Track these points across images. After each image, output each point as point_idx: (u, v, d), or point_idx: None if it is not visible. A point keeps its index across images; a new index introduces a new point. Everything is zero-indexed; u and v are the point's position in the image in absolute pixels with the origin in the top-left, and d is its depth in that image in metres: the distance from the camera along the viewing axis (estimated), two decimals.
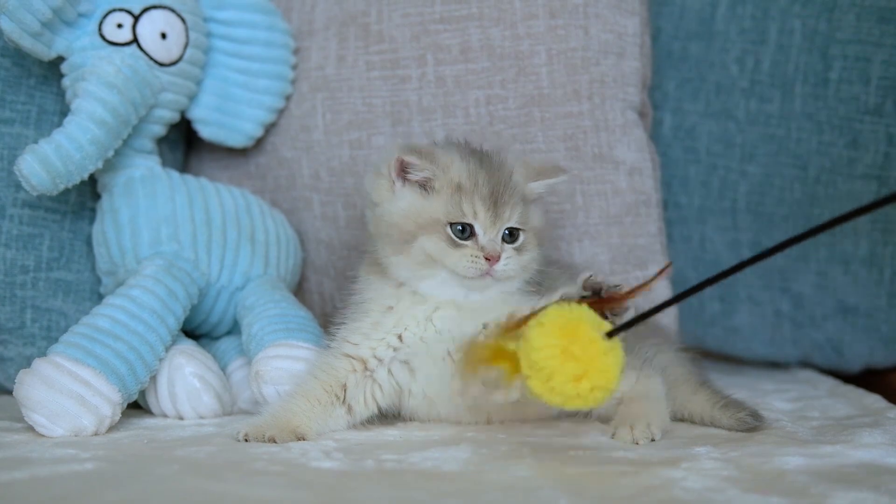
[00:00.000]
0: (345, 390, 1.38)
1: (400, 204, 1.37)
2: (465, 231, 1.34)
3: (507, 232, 1.36)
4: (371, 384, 1.40)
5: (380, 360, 1.39)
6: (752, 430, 1.38)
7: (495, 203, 1.35)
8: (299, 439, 1.30)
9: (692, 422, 1.44)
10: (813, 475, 1.12)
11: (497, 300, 1.37)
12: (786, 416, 1.50)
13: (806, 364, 1.94)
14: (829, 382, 1.79)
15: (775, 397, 1.65)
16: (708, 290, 1.89)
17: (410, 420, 1.44)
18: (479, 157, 1.40)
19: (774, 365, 1.96)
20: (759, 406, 1.47)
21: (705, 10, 1.89)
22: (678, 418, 1.44)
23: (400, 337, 1.39)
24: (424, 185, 1.36)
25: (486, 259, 1.33)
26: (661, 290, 1.74)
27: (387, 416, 1.43)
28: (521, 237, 1.38)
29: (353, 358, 1.39)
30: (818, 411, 1.54)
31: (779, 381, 1.83)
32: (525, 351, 1.14)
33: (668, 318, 1.74)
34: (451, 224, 1.34)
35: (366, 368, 1.39)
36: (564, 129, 1.70)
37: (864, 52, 1.80)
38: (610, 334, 1.14)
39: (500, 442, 1.29)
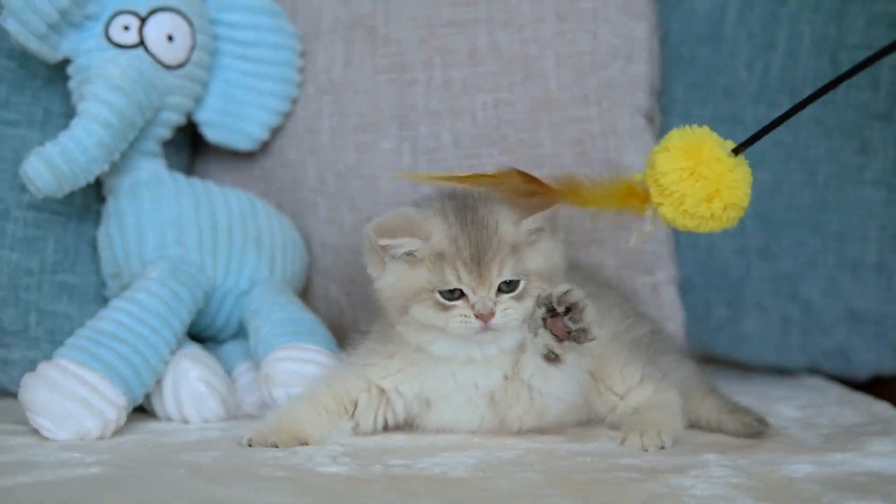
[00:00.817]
0: (355, 406, 1.37)
1: (389, 279, 1.33)
2: (455, 293, 1.29)
3: (504, 282, 1.30)
4: (385, 407, 1.38)
5: (400, 395, 1.38)
6: (758, 435, 1.38)
7: (479, 264, 1.28)
8: (302, 444, 1.29)
9: (701, 427, 1.44)
10: (823, 484, 1.11)
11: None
12: (794, 423, 1.49)
13: (814, 371, 1.93)
14: (838, 390, 1.79)
15: (783, 404, 1.64)
16: (715, 296, 1.91)
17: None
18: (463, 214, 1.31)
19: (782, 372, 1.95)
20: (768, 413, 1.47)
21: (714, 15, 1.88)
22: (689, 425, 1.44)
23: (420, 385, 1.37)
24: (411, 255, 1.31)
25: (478, 317, 1.27)
26: (667, 296, 1.74)
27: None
28: (521, 285, 1.30)
29: (372, 383, 1.38)
30: (827, 419, 1.53)
31: (787, 387, 1.82)
32: (653, 178, 1.17)
33: (676, 324, 1.73)
34: (440, 291, 1.29)
35: (382, 392, 1.38)
36: (572, 134, 1.69)
37: None
38: (735, 150, 1.18)
39: (509, 448, 1.29)
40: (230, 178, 1.82)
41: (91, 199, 1.66)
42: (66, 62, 1.60)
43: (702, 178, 1.17)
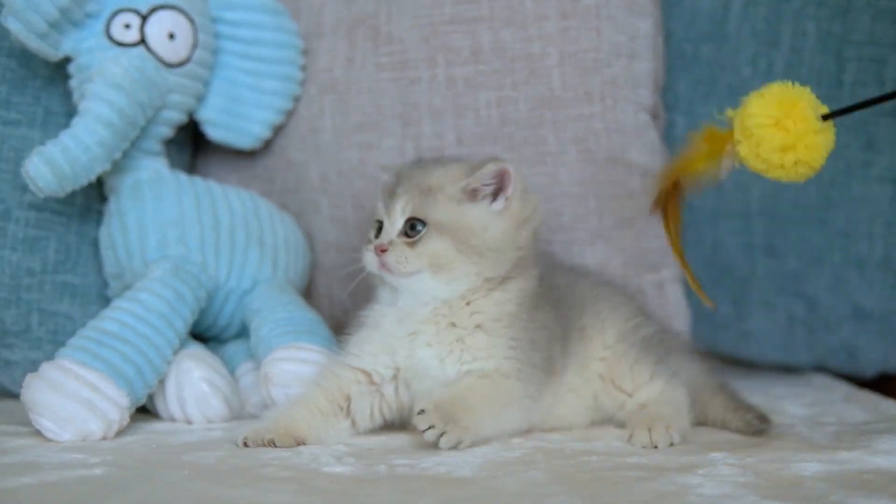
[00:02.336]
0: (348, 401, 1.36)
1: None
2: (381, 229, 1.38)
3: (410, 226, 1.35)
4: (378, 398, 1.37)
5: (384, 376, 1.37)
6: (760, 432, 1.37)
7: (392, 196, 1.37)
8: (300, 444, 1.29)
9: (709, 426, 1.44)
10: (831, 482, 1.11)
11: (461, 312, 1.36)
12: (801, 421, 1.49)
13: (820, 369, 1.92)
14: (844, 387, 1.78)
15: (790, 402, 1.64)
16: (721, 294, 1.90)
17: None
18: (420, 161, 1.46)
19: (788, 369, 1.95)
20: (774, 411, 1.47)
21: (718, 12, 1.87)
22: (698, 423, 1.44)
23: (393, 358, 1.37)
24: None
25: (377, 251, 1.34)
26: (673, 294, 1.73)
27: (394, 424, 1.41)
28: (422, 230, 1.34)
29: (357, 370, 1.37)
30: (834, 417, 1.53)
31: (793, 385, 1.82)
32: (741, 116, 1.23)
33: (681, 322, 1.73)
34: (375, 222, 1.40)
35: (371, 381, 1.37)
36: (576, 132, 1.68)
37: (879, 53, 1.79)
38: (826, 117, 1.22)
39: (514, 447, 1.28)
40: (232, 177, 1.82)
41: (93, 198, 1.66)
42: (66, 61, 1.60)
43: (784, 129, 1.21)
